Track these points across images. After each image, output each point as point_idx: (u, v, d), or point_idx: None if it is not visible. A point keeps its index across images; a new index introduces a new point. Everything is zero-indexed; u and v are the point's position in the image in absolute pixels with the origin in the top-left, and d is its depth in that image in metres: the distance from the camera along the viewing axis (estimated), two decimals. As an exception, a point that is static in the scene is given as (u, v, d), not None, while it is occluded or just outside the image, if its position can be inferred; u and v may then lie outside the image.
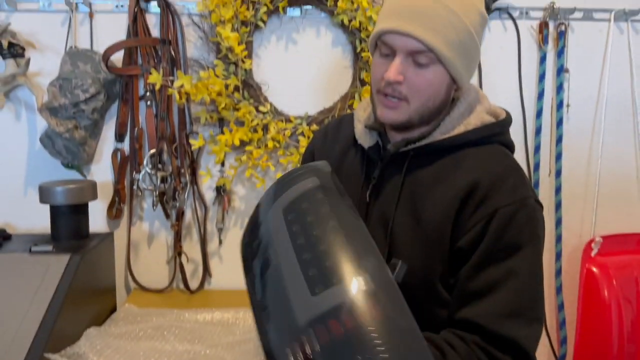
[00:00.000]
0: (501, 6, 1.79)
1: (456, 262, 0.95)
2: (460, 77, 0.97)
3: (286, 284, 0.81)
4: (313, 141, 1.27)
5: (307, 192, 0.90)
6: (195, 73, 1.75)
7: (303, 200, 0.90)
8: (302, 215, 0.87)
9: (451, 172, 0.97)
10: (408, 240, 0.98)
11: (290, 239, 0.85)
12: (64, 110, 1.65)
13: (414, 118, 0.98)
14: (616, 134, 1.89)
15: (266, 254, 0.88)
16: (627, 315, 1.77)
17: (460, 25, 0.92)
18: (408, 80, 0.94)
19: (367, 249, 0.82)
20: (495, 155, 1.00)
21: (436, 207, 0.96)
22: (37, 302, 1.34)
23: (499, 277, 0.90)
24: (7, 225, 1.81)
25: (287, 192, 0.92)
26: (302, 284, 0.78)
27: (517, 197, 0.93)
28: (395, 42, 0.93)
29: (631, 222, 1.94)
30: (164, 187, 1.76)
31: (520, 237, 0.92)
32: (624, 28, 1.84)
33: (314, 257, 0.81)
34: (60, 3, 1.73)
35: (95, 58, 1.70)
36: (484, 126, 1.00)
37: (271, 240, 0.89)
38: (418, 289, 0.96)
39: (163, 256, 1.88)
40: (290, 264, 0.82)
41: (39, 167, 1.82)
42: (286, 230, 0.86)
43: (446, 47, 0.92)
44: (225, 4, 1.65)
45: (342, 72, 1.81)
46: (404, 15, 0.92)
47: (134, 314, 1.62)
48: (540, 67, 1.84)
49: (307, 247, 0.83)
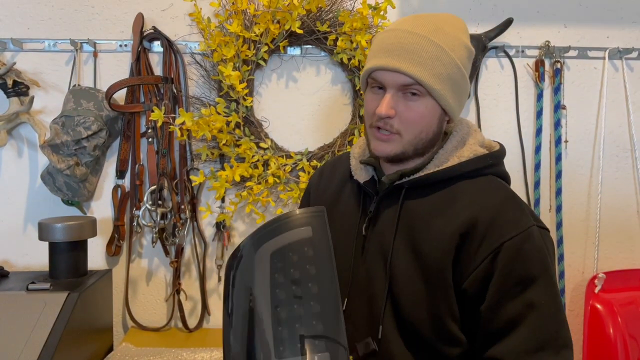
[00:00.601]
0: (497, 44, 1.82)
1: (466, 299, 0.94)
2: (451, 109, 0.99)
3: (255, 334, 0.84)
4: (310, 181, 1.28)
5: (299, 243, 0.91)
6: (196, 110, 1.77)
7: (293, 251, 0.90)
8: (288, 267, 0.88)
9: (448, 205, 0.98)
10: (408, 273, 0.97)
11: (271, 288, 0.86)
12: (66, 147, 1.66)
13: (408, 150, 0.99)
14: (615, 169, 1.90)
15: (245, 293, 0.90)
16: (633, 353, 1.74)
17: (447, 59, 0.95)
18: (400, 114, 0.96)
19: (339, 328, 0.84)
20: (489, 187, 1.00)
21: (435, 241, 0.96)
22: (32, 342, 1.31)
23: (518, 313, 0.90)
24: (5, 263, 1.80)
25: (280, 237, 0.92)
26: (270, 340, 0.82)
27: (520, 228, 0.93)
28: (385, 78, 0.96)
29: (634, 257, 1.93)
30: (163, 223, 1.75)
31: (532, 268, 0.91)
32: (619, 66, 1.87)
33: (289, 317, 0.84)
34: (65, 43, 1.76)
35: (98, 96, 1.72)
36: (477, 158, 1.01)
37: (253, 282, 0.90)
38: (423, 323, 0.95)
39: (161, 294, 1.86)
40: (265, 313, 0.85)
41: (39, 204, 1.82)
42: (269, 278, 0.87)
43: (434, 80, 0.94)
44: (227, 43, 1.68)
45: (341, 109, 1.83)
46: (392, 52, 0.95)
47: (131, 354, 1.59)
48: (537, 103, 1.86)
49: (285, 303, 0.85)
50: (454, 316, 0.94)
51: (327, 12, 1.74)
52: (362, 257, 1.05)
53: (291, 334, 0.82)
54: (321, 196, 1.19)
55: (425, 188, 1.01)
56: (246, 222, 1.86)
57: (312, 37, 1.74)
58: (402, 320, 0.97)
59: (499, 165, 1.05)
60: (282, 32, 1.71)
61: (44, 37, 1.78)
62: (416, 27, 0.95)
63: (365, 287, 1.02)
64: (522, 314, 0.89)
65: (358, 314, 1.03)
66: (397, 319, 0.98)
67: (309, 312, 0.84)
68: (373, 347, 0.97)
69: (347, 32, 1.69)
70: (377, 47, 0.99)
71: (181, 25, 1.80)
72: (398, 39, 0.95)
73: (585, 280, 1.89)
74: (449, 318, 0.94)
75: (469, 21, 1.83)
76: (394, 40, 0.96)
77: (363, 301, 1.02)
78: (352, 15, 1.69)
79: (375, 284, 1.01)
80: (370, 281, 1.02)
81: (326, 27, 1.71)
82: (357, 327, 1.02)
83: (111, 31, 1.79)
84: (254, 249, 0.93)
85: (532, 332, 0.89)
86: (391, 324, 0.98)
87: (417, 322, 0.96)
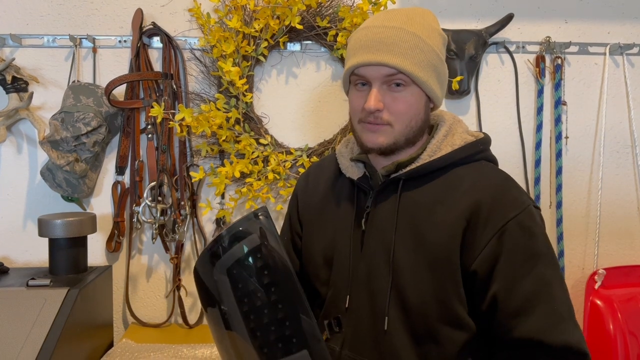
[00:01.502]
0: (498, 40, 1.82)
1: (475, 281, 0.95)
2: (435, 94, 1.02)
3: (238, 346, 0.91)
4: (296, 186, 1.29)
5: (248, 254, 0.94)
6: (196, 106, 1.76)
7: (245, 262, 0.94)
8: (246, 279, 0.93)
9: (448, 192, 1.00)
10: (412, 264, 0.98)
11: (237, 300, 0.92)
12: (65, 144, 1.66)
13: (399, 140, 1.01)
14: (616, 165, 1.90)
15: (217, 310, 0.95)
16: (633, 350, 1.74)
17: (425, 47, 0.98)
18: (388, 106, 0.99)
19: (307, 323, 0.92)
20: (486, 170, 1.03)
21: (440, 229, 0.97)
22: (32, 338, 1.31)
23: (534, 289, 0.92)
24: (5, 259, 1.80)
25: (229, 252, 0.95)
26: (253, 349, 0.89)
27: (522, 206, 0.96)
28: (369, 72, 0.98)
29: (634, 253, 1.93)
30: (163, 219, 1.75)
31: (536, 244, 0.95)
32: (620, 61, 1.87)
33: (263, 324, 0.90)
34: (64, 39, 1.76)
35: (97, 92, 1.72)
36: (469, 145, 1.04)
37: (220, 298, 0.94)
38: (431, 311, 0.97)
39: (162, 290, 1.86)
40: (239, 325, 0.91)
41: (38, 200, 1.82)
42: (232, 292, 0.93)
43: (416, 68, 0.97)
44: (227, 39, 1.68)
45: (341, 104, 1.83)
46: (371, 47, 0.97)
47: (132, 350, 1.59)
48: (538, 99, 1.86)
49: (254, 311, 0.91)
50: (461, 300, 0.96)
51: (327, 8, 1.73)
52: (361, 252, 1.05)
53: (269, 339, 0.87)
54: (310, 199, 1.20)
55: (422, 178, 1.03)
56: (246, 218, 1.86)
57: (312, 33, 1.74)
58: (408, 312, 0.98)
59: (487, 150, 1.08)
60: (282, 27, 1.71)
61: (43, 33, 1.77)
62: (390, 21, 0.98)
63: (366, 282, 1.03)
64: (538, 290, 0.92)
65: (361, 310, 1.03)
66: (402, 310, 0.98)
67: (277, 315, 0.89)
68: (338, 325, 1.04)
69: (347, 28, 1.69)
70: (355, 45, 1.00)
71: (180, 20, 1.79)
72: (375, 34, 0.97)
73: (586, 277, 1.89)
74: (456, 302, 0.96)
75: (470, 17, 1.83)
76: (371, 36, 0.98)
77: (365, 297, 1.03)
78: (352, 10, 1.68)
79: (377, 278, 1.01)
80: (371, 276, 1.02)
81: (326, 22, 1.71)
82: (361, 324, 1.02)
83: (110, 27, 1.79)
84: (209, 268, 0.97)
85: (551, 307, 0.92)
86: (396, 316, 0.99)
87: (424, 311, 0.97)
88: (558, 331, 0.90)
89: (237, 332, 0.92)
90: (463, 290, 0.96)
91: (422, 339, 0.98)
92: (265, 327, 0.90)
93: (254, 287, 0.91)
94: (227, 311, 0.92)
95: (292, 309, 0.92)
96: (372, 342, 1.01)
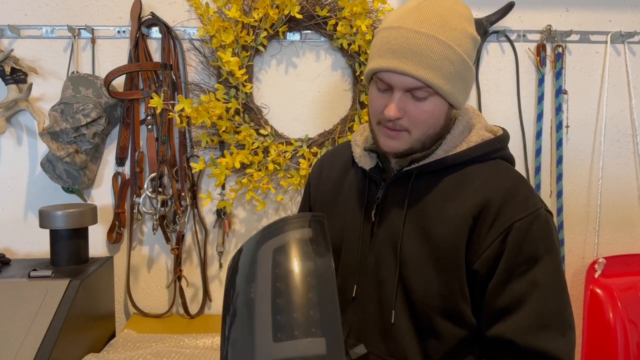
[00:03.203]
0: (498, 29, 1.81)
1: (477, 280, 0.95)
2: (458, 102, 0.99)
3: (255, 321, 0.88)
4: (311, 173, 1.28)
5: (299, 241, 0.94)
6: (196, 97, 1.76)
7: (293, 248, 0.94)
8: (288, 262, 0.93)
9: (459, 189, 0.99)
10: (419, 259, 0.98)
11: (272, 280, 0.90)
12: (65, 135, 1.66)
13: (415, 146, 0.99)
14: (616, 154, 1.90)
15: (247, 286, 0.94)
16: (632, 338, 1.75)
17: (455, 56, 0.93)
18: (408, 114, 0.96)
19: (334, 317, 0.86)
20: (500, 170, 1.01)
21: (447, 225, 0.96)
22: (35, 328, 1.32)
23: (523, 291, 0.91)
24: (6, 250, 1.80)
25: (282, 235, 0.96)
26: (268, 326, 0.85)
27: (530, 209, 0.94)
28: (392, 79, 0.94)
29: (634, 242, 1.93)
30: (164, 210, 1.75)
31: (538, 248, 0.93)
32: (621, 50, 1.86)
33: (286, 304, 0.88)
34: (62, 29, 1.75)
35: (97, 83, 1.71)
36: (485, 142, 1.02)
37: (255, 275, 0.93)
38: (435, 306, 0.96)
39: (163, 280, 1.87)
40: (264, 302, 0.89)
41: (39, 192, 1.82)
42: (270, 271, 0.91)
43: (443, 81, 0.93)
44: (226, 29, 1.67)
45: (341, 94, 1.82)
46: (398, 54, 0.92)
47: (133, 340, 1.60)
48: (538, 88, 1.85)
49: (283, 292, 0.89)
50: (464, 297, 0.96)
51: (327, -3, 1.72)
52: (370, 243, 1.05)
53: (289, 322, 0.86)
54: (323, 187, 1.19)
55: (434, 173, 1.01)
56: (247, 209, 1.86)
57: (312, 22, 1.73)
58: (412, 304, 0.98)
59: (505, 149, 1.06)
60: (282, 17, 1.70)
61: (42, 24, 1.76)
62: (422, 25, 0.92)
63: (374, 273, 1.03)
64: (526, 292, 0.91)
65: (368, 300, 1.03)
66: (408, 303, 0.99)
67: (307, 303, 0.88)
68: (364, 352, 1.02)
69: (347, 17, 1.68)
70: (383, 45, 0.96)
71: (179, 10, 1.78)
72: (405, 39, 0.92)
73: (586, 265, 1.89)
74: (460, 298, 0.96)
75: (471, 5, 1.80)
76: (401, 40, 0.93)
77: (373, 287, 1.03)
78: (352, -1, 1.67)
79: (385, 270, 1.01)
80: (379, 267, 1.02)
81: (326, 11, 1.70)
82: (367, 314, 1.03)
83: (109, 17, 1.78)
84: (257, 247, 0.97)
85: (536, 311, 0.90)
86: (402, 309, 0.99)
87: (427, 305, 0.97)
88: (535, 336, 0.89)
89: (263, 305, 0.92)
90: (467, 288, 0.96)
91: (425, 332, 0.98)
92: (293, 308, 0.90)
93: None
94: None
95: (324, 304, 0.90)
96: (378, 333, 1.01)
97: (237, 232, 1.86)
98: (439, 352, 0.97)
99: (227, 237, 1.85)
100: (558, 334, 0.90)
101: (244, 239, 1.86)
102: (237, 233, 1.86)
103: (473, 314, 0.97)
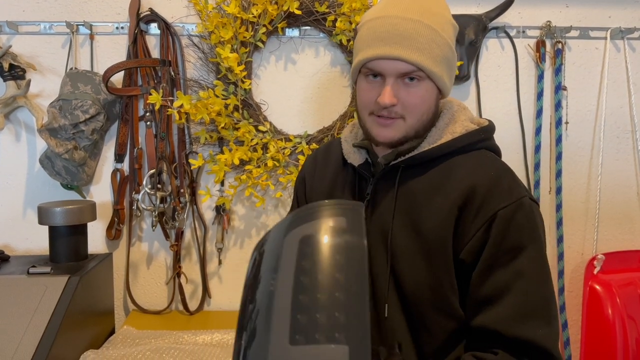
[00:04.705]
0: (498, 25, 1.80)
1: (463, 271, 0.95)
2: (446, 87, 1.01)
3: (272, 317, 0.79)
4: (304, 168, 1.28)
5: (331, 231, 0.85)
6: (194, 93, 1.76)
7: (324, 238, 0.85)
8: (316, 253, 0.83)
9: (445, 180, 0.99)
10: (409, 251, 0.99)
11: (295, 272, 0.82)
12: (64, 131, 1.66)
13: (409, 134, 1.00)
14: (616, 150, 1.90)
15: (269, 275, 0.86)
16: (631, 334, 1.75)
17: (441, 40, 0.95)
18: (402, 101, 0.97)
19: (361, 321, 0.77)
20: (484, 159, 1.02)
21: (435, 217, 0.97)
22: (34, 325, 1.32)
23: (506, 280, 0.91)
24: (5, 247, 1.80)
25: (313, 222, 0.87)
26: (286, 325, 0.76)
27: (513, 197, 0.95)
28: (384, 66, 0.95)
29: (633, 239, 1.93)
30: (163, 207, 1.75)
31: (522, 237, 0.93)
32: (620, 46, 1.86)
33: (309, 302, 0.78)
34: (61, 25, 1.74)
35: (95, 79, 1.71)
36: (470, 133, 1.03)
37: (277, 265, 0.85)
38: (425, 299, 0.97)
39: (162, 277, 1.87)
40: (284, 297, 0.80)
41: (38, 188, 1.82)
42: (295, 262, 0.83)
43: (433, 63, 0.95)
44: (225, 25, 1.66)
45: (341, 91, 1.82)
46: (387, 40, 0.94)
47: (133, 336, 1.60)
48: (538, 84, 1.85)
49: (307, 288, 0.80)
50: (453, 289, 0.96)
51: (326, -7, 1.71)
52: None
53: (310, 322, 0.76)
54: (319, 183, 1.19)
55: (421, 166, 1.02)
56: (246, 205, 1.86)
57: (311, 18, 1.72)
58: (404, 297, 0.99)
59: (490, 139, 1.07)
60: (280, 13, 1.69)
61: (40, 20, 1.76)
62: (406, 12, 0.94)
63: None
64: (509, 281, 0.91)
65: None
66: (400, 297, 0.99)
67: (332, 302, 0.78)
68: (397, 352, 0.97)
69: (346, 13, 1.67)
70: (369, 36, 0.96)
71: (178, 6, 1.77)
72: (391, 25, 0.94)
73: (585, 262, 1.89)
74: (449, 291, 0.96)
75: (470, 1, 1.81)
76: (388, 27, 0.94)
77: None
78: (351, -5, 1.67)
79: (377, 264, 1.02)
80: (372, 262, 1.02)
81: (325, 7, 1.69)
82: None
83: (107, 13, 1.77)
84: (282, 233, 0.88)
85: (520, 300, 0.90)
86: (395, 302, 0.99)
87: (418, 297, 0.97)
88: (520, 325, 0.89)
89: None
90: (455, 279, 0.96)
91: (417, 325, 0.99)
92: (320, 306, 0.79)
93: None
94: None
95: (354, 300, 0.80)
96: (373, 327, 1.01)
97: (236, 228, 1.86)
98: (431, 345, 0.98)
99: (226, 233, 1.85)
100: (543, 323, 0.90)
101: (243, 236, 1.86)
102: (236, 230, 1.86)
103: (460, 305, 0.97)
